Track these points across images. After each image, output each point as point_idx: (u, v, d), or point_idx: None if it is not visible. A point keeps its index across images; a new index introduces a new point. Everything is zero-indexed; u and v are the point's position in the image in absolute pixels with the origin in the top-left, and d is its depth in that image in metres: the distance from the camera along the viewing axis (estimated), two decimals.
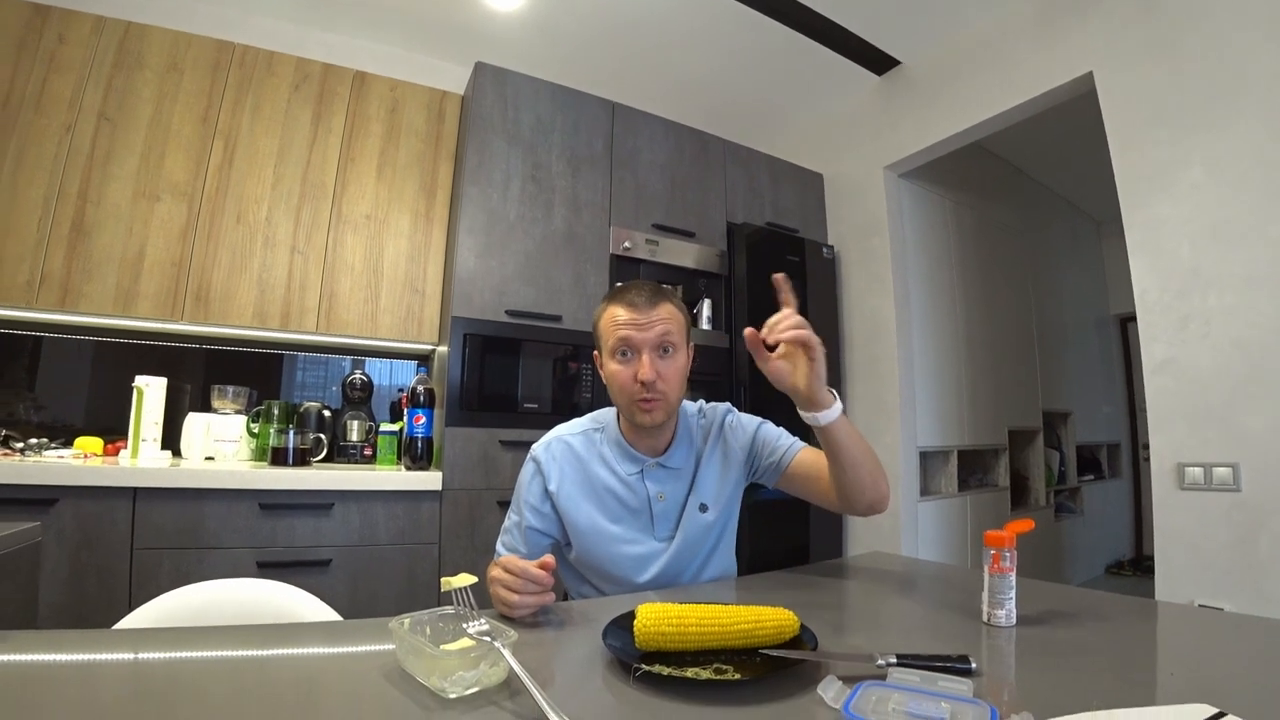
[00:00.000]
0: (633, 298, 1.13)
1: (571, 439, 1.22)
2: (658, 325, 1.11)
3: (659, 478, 1.19)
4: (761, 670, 0.69)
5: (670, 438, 1.21)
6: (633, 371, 1.10)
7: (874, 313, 3.06)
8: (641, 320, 1.11)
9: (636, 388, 1.10)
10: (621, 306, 1.13)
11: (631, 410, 1.13)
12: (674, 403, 1.15)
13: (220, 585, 1.01)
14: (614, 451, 1.20)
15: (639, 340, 1.11)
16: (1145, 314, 2.04)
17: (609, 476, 1.18)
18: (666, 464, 1.19)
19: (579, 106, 2.56)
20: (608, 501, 1.18)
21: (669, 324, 1.13)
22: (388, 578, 2.00)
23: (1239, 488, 1.81)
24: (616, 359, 1.13)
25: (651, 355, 1.11)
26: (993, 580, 0.88)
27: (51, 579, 1.62)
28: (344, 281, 2.32)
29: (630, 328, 1.11)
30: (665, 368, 1.12)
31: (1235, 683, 0.71)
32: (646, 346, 1.11)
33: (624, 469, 1.18)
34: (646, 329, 1.11)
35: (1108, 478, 4.74)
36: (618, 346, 1.12)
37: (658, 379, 1.10)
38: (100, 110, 2.02)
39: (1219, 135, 1.89)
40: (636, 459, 1.19)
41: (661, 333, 1.11)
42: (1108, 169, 2.15)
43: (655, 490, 1.18)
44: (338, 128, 2.35)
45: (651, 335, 1.11)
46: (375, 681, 0.66)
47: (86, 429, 2.14)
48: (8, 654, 0.69)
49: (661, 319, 1.12)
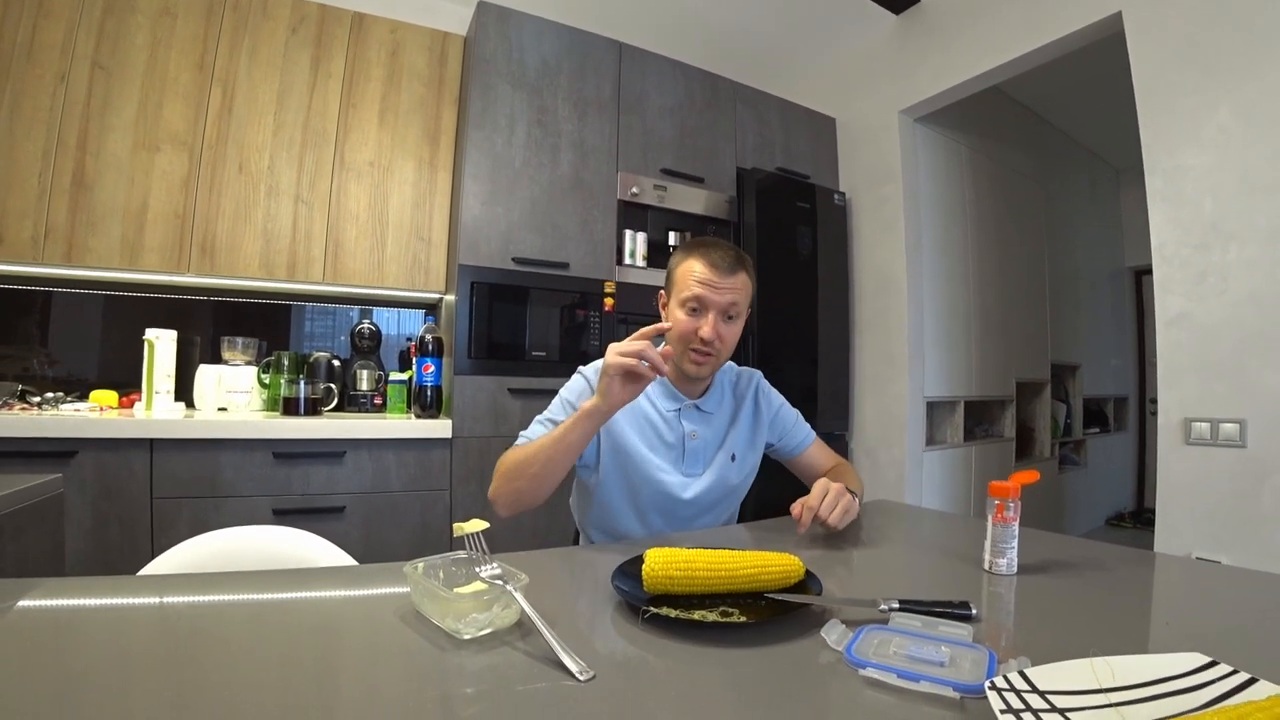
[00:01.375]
0: (716, 259, 1.17)
1: None
2: (729, 293, 1.17)
3: (694, 418, 1.27)
4: (767, 614, 0.71)
5: (707, 384, 1.30)
6: (696, 326, 1.17)
7: (885, 262, 3.02)
8: (719, 283, 1.16)
9: (694, 340, 1.17)
10: (703, 263, 1.17)
11: (683, 357, 1.20)
12: (723, 360, 1.25)
13: (239, 532, 1.04)
14: (656, 387, 1.26)
15: (711, 301, 1.16)
16: (1162, 266, 2.00)
17: (649, 409, 1.25)
18: (702, 407, 1.28)
19: (585, 47, 2.48)
20: (646, 431, 1.24)
21: (739, 294, 1.18)
22: (400, 524, 2.06)
23: (1245, 444, 1.81)
24: (685, 310, 1.18)
25: (718, 317, 1.17)
26: (995, 530, 0.89)
27: (76, 528, 1.67)
28: (349, 230, 2.30)
29: (706, 288, 1.16)
30: (726, 330, 1.19)
31: (1228, 633, 0.72)
32: (716, 309, 1.16)
33: (664, 405, 1.26)
34: (720, 293, 1.16)
35: (1113, 431, 4.75)
36: (689, 300, 1.17)
37: (717, 339, 1.17)
38: (94, 58, 1.97)
39: (1250, 81, 1.81)
40: (677, 398, 1.26)
41: (731, 301, 1.17)
42: (1131, 115, 2.07)
43: (690, 429, 1.25)
44: (337, 72, 2.29)
45: (723, 301, 1.16)
46: (392, 624, 0.68)
47: (100, 382, 2.17)
48: (40, 600, 0.71)
49: (735, 288, 1.17)
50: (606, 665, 0.58)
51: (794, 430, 1.38)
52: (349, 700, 0.54)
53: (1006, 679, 0.52)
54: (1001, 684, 0.51)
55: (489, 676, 0.58)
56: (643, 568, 0.75)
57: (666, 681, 0.59)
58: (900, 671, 0.56)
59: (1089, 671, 0.53)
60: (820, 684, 0.58)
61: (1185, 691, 0.51)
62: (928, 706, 0.52)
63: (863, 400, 3.12)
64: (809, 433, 1.40)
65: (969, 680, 0.54)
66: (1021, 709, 0.48)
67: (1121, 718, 0.47)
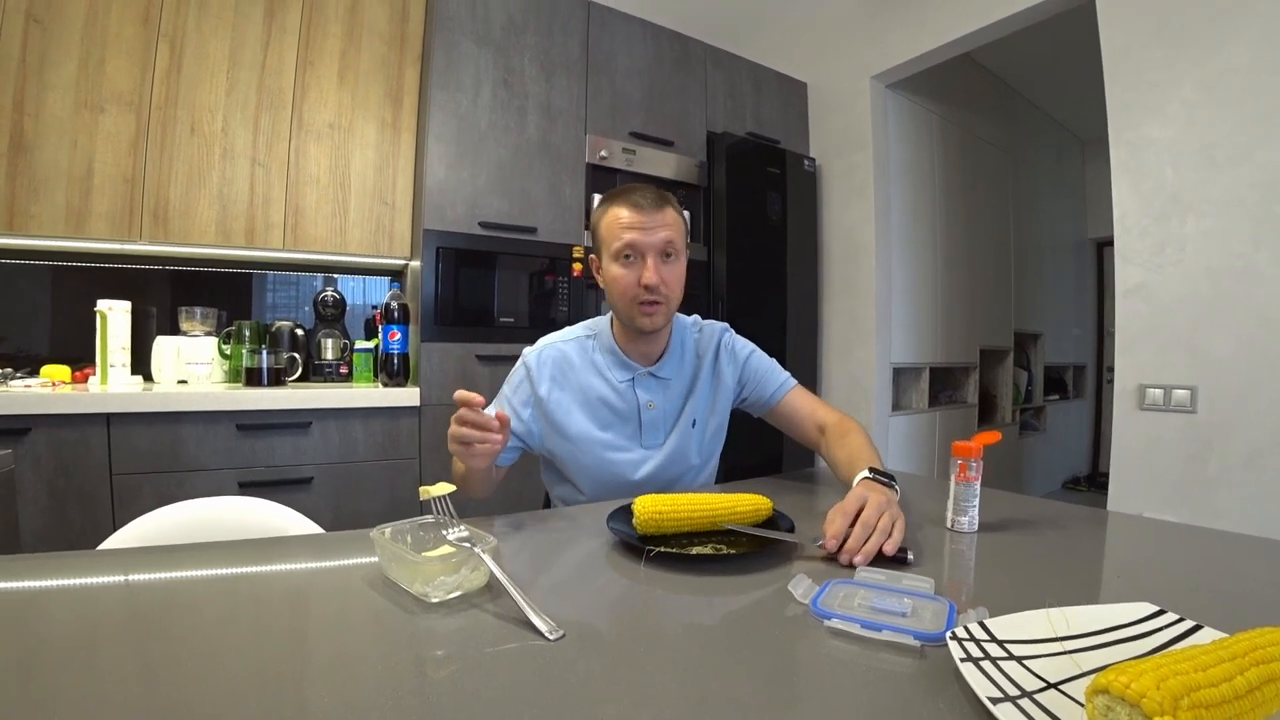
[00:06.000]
0: (637, 199, 1.11)
1: (565, 345, 1.23)
2: (661, 231, 1.11)
3: (649, 386, 1.21)
4: (750, 547, 0.81)
5: (664, 348, 1.23)
6: (636, 276, 1.10)
7: (854, 228, 3.04)
8: (647, 223, 1.10)
9: (639, 291, 1.10)
10: (626, 208, 1.11)
11: (632, 314, 1.13)
12: (674, 307, 1.17)
13: (203, 504, 1.02)
14: (606, 359, 1.21)
15: (644, 244, 1.10)
16: (1123, 236, 2.04)
17: (600, 384, 1.20)
18: (657, 374, 1.21)
19: (553, 5, 2.40)
20: (598, 409, 1.19)
21: (672, 230, 1.12)
22: (369, 493, 2.04)
23: (1195, 410, 1.88)
24: (620, 262, 1.12)
25: (656, 259, 1.11)
26: (958, 489, 0.91)
27: (32, 506, 1.61)
28: (309, 195, 2.22)
29: (636, 231, 1.10)
30: (668, 273, 1.12)
31: (1175, 585, 0.75)
32: (651, 251, 1.10)
33: (615, 376, 1.20)
34: (651, 233, 1.10)
35: (1071, 398, 4.91)
36: (621, 250, 1.11)
37: (660, 284, 1.10)
38: (28, 10, 1.84)
39: (1215, 56, 1.84)
40: (629, 366, 1.20)
41: (665, 239, 1.11)
42: (1098, 87, 2.09)
43: (645, 399, 1.20)
44: (293, 27, 2.19)
45: (657, 240, 1.10)
46: (361, 590, 0.68)
47: (51, 357, 2.07)
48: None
49: (666, 224, 1.11)
50: (575, 625, 0.59)
51: (768, 378, 1.27)
52: (320, 667, 0.54)
53: (966, 629, 0.53)
54: (961, 634, 0.52)
55: (459, 639, 0.58)
56: (634, 508, 0.84)
57: (634, 639, 0.59)
58: (864, 622, 0.57)
59: (1045, 621, 0.55)
60: (787, 636, 0.59)
61: (1135, 639, 0.53)
62: (890, 655, 0.54)
63: (830, 366, 3.16)
64: (786, 378, 1.29)
65: (930, 629, 0.55)
66: (980, 657, 0.49)
67: (1075, 664, 0.49)
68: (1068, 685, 0.46)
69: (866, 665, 0.53)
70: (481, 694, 0.48)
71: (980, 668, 0.48)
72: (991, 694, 0.44)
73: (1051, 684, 0.46)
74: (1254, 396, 1.77)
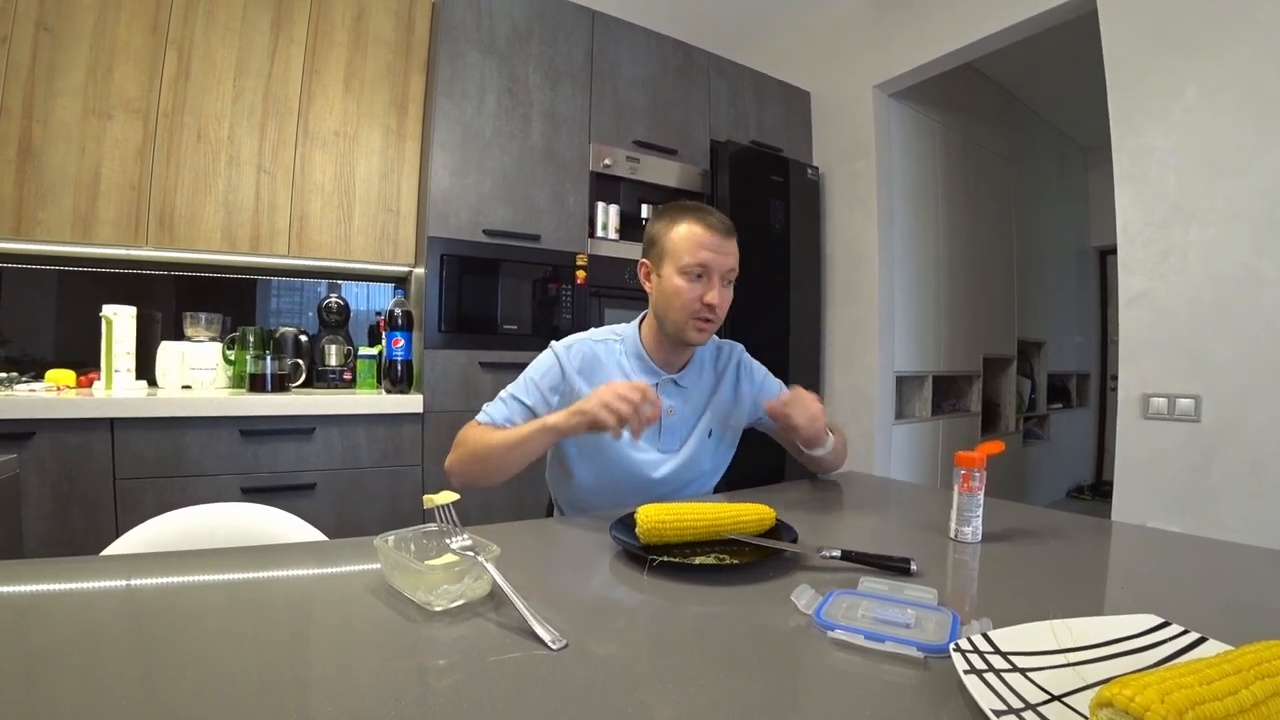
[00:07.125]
0: (714, 222, 1.16)
1: (594, 344, 1.27)
2: (730, 258, 1.17)
3: (671, 393, 1.25)
4: (753, 557, 0.81)
5: (687, 359, 1.29)
6: (700, 293, 1.15)
7: (857, 237, 3.04)
8: (722, 247, 1.16)
9: (701, 308, 1.15)
10: (703, 227, 1.16)
11: (685, 326, 1.17)
12: (717, 328, 1.24)
13: (206, 510, 1.01)
14: (633, 363, 1.25)
15: (717, 265, 1.15)
16: (1126, 245, 2.04)
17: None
18: (679, 382, 1.26)
19: (557, 14, 2.42)
20: None
21: (735, 259, 1.19)
22: (372, 500, 2.04)
23: (1199, 418, 1.87)
24: (687, 277, 1.16)
25: (720, 282, 1.16)
26: (961, 498, 0.91)
27: (35, 511, 1.62)
28: (314, 202, 2.23)
29: (712, 252, 1.15)
30: (725, 297, 1.18)
31: (1180, 596, 0.75)
32: (719, 273, 1.16)
33: (640, 379, 1.23)
34: (724, 257, 1.16)
35: (1075, 407, 4.89)
36: (693, 266, 1.15)
37: (719, 305, 1.16)
38: (38, 19, 1.86)
39: (1217, 63, 1.84)
40: (654, 373, 1.25)
41: (731, 266, 1.18)
42: (1101, 95, 2.10)
43: (667, 404, 1.23)
44: (300, 36, 2.20)
45: (726, 265, 1.17)
46: (363, 598, 0.68)
47: (57, 362, 2.08)
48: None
49: (733, 252, 1.18)
50: (578, 634, 0.59)
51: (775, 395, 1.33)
52: (323, 675, 0.54)
53: (970, 640, 0.53)
54: (965, 645, 0.52)
55: (462, 647, 0.57)
56: (637, 517, 0.84)
57: (637, 649, 0.59)
58: (867, 633, 0.57)
59: (1049, 633, 0.55)
60: (790, 646, 0.59)
61: (1139, 651, 0.53)
62: (893, 666, 0.54)
63: (833, 374, 3.16)
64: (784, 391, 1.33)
65: (933, 641, 0.55)
66: (984, 669, 0.49)
67: (1079, 676, 0.49)
68: (1072, 698, 0.46)
69: (870, 677, 0.52)
70: (484, 704, 0.48)
71: (984, 680, 0.47)
72: (995, 706, 0.44)
73: (1055, 696, 0.46)
74: (1259, 405, 1.77)
